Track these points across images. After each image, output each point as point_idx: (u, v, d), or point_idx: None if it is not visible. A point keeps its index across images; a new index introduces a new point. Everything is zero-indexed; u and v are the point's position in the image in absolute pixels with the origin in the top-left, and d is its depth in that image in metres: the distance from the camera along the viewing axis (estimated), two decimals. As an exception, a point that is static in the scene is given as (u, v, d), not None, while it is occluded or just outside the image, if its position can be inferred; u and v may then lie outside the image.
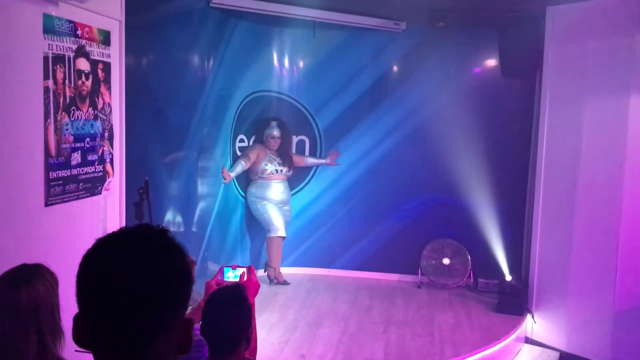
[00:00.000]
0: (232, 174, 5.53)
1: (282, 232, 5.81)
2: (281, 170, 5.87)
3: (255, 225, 6.13)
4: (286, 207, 5.96)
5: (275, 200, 5.83)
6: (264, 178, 5.81)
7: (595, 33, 4.61)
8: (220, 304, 2.09)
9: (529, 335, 5.12)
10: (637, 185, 4.38)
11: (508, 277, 5.51)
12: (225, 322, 2.04)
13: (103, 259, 0.92)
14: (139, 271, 0.90)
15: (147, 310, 0.90)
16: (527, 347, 5.02)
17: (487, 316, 5.18)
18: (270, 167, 5.77)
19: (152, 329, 0.91)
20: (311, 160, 6.16)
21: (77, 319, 0.94)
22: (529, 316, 5.11)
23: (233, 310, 2.07)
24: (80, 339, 0.94)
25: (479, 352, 4.42)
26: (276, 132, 5.84)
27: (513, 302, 5.24)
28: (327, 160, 6.14)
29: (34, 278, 1.70)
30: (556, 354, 4.86)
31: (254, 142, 6.00)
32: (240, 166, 5.62)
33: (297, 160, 6.07)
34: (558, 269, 4.91)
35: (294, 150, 6.20)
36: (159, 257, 0.93)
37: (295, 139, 6.21)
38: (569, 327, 4.84)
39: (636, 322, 4.39)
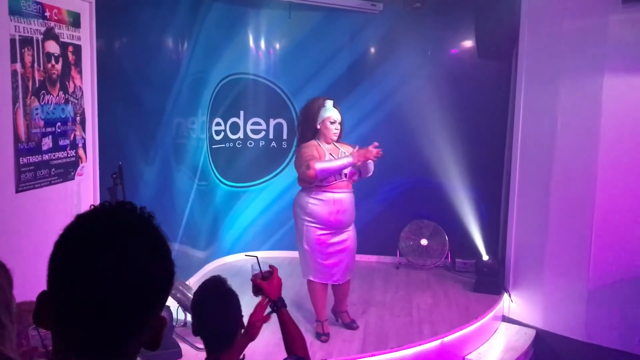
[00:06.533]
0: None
1: (315, 277, 4.17)
2: (345, 175, 4.13)
3: (236, 209, 6.10)
4: (341, 237, 4.13)
5: (331, 225, 4.09)
6: (323, 187, 4.06)
7: (569, 13, 4.62)
8: (206, 299, 2.02)
9: (506, 314, 5.19)
10: (611, 165, 4.43)
11: (485, 257, 5.57)
12: (217, 319, 1.97)
13: (85, 248, 0.83)
14: (127, 272, 0.82)
15: (128, 314, 0.84)
16: (504, 326, 5.09)
17: (464, 296, 5.23)
18: None
19: (128, 332, 0.85)
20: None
21: (43, 299, 0.86)
22: (505, 295, 5.18)
23: (222, 305, 2.01)
24: (41, 320, 0.87)
25: (457, 331, 4.47)
26: (337, 115, 4.18)
27: (490, 281, 5.30)
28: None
29: None
30: (532, 332, 4.93)
31: (302, 135, 4.28)
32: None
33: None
34: (534, 249, 4.98)
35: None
36: (148, 256, 0.86)
37: (272, 122, 6.15)
38: (545, 306, 4.92)
39: (609, 299, 4.48)
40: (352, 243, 4.25)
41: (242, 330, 2.09)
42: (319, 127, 4.16)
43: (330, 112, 4.17)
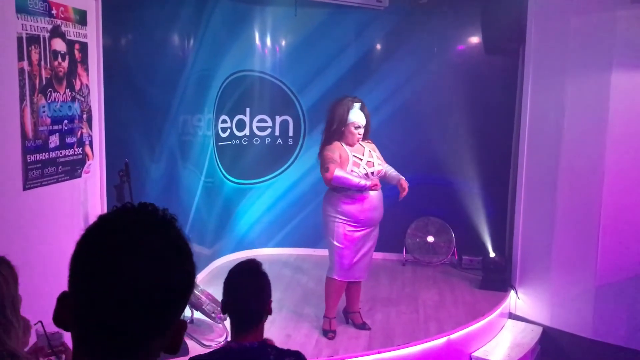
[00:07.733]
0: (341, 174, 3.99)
1: (338, 276, 4.20)
2: (372, 173, 4.16)
3: (242, 206, 6.10)
4: (368, 234, 4.23)
5: (362, 222, 4.15)
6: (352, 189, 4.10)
7: (577, 9, 4.59)
8: (240, 280, 2.12)
9: (512, 311, 5.17)
10: (618, 162, 4.41)
11: (492, 254, 5.55)
12: (249, 298, 2.07)
13: (108, 248, 0.83)
14: (149, 274, 0.82)
15: (150, 316, 0.83)
16: (510, 323, 5.08)
17: (471, 293, 5.22)
18: (356, 172, 4.06)
19: (149, 334, 0.85)
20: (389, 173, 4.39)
21: (64, 299, 0.86)
22: (512, 292, 5.16)
23: (255, 285, 2.11)
24: (61, 321, 0.87)
25: (463, 329, 4.46)
26: (362, 120, 4.10)
27: (497, 278, 5.29)
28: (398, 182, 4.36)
29: None
30: (539, 329, 4.92)
31: (327, 136, 4.17)
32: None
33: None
34: (541, 245, 4.96)
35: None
36: (170, 257, 0.85)
37: (278, 119, 6.15)
38: (551, 303, 4.90)
39: (616, 296, 4.46)
40: (375, 242, 4.34)
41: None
42: (343, 129, 4.10)
43: (356, 117, 4.10)
